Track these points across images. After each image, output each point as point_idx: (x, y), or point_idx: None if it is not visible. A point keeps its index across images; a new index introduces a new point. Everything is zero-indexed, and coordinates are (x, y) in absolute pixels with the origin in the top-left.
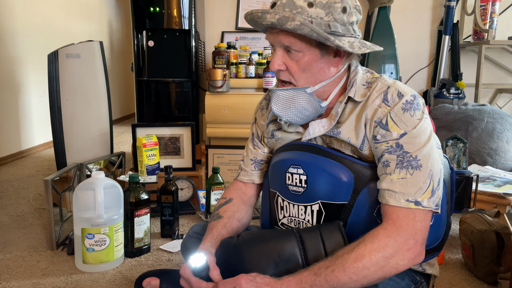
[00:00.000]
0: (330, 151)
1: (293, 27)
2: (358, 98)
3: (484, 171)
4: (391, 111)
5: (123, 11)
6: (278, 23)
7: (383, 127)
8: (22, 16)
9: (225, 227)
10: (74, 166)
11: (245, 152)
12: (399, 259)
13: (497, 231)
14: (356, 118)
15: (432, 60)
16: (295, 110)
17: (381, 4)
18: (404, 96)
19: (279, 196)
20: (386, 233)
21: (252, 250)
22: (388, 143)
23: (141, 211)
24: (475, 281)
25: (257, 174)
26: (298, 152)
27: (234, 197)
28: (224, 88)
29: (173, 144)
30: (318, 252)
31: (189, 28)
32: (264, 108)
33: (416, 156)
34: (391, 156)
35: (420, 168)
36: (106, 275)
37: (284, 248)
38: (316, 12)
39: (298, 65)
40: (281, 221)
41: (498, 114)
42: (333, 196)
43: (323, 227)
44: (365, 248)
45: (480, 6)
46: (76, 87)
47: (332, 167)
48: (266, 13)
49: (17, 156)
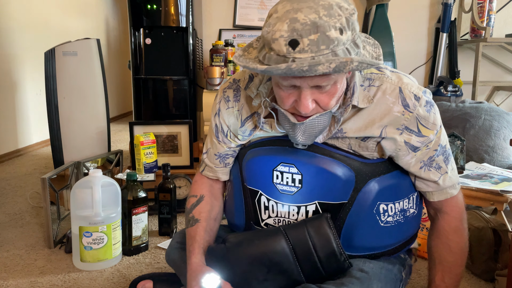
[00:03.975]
0: (327, 148)
1: (351, 68)
2: (362, 104)
3: (481, 168)
4: (418, 118)
5: (120, 8)
6: (334, 71)
7: (418, 135)
8: (19, 14)
9: (206, 231)
10: (71, 164)
11: (208, 144)
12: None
13: (494, 228)
14: (363, 121)
15: (430, 57)
16: (318, 132)
17: (379, 2)
18: (420, 98)
19: (263, 195)
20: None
21: (242, 257)
22: (428, 146)
23: (138, 209)
24: (472, 278)
25: (222, 171)
26: (287, 149)
27: (204, 192)
28: None
29: (171, 142)
30: (307, 249)
31: (187, 26)
32: (229, 100)
33: (446, 145)
34: (440, 158)
35: (450, 152)
36: (104, 273)
37: (274, 250)
38: (347, 36)
39: (330, 96)
40: (265, 221)
41: (495, 111)
42: (332, 196)
43: (309, 222)
44: (455, 242)
45: (478, 4)
46: (73, 85)
47: (331, 165)
48: (316, 65)
49: (14, 154)
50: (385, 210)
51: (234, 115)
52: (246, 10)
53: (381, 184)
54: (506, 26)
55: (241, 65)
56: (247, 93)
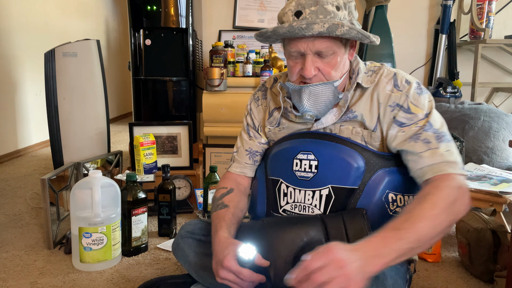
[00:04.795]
0: (341, 138)
1: (343, 32)
2: (365, 84)
3: (480, 169)
4: (408, 96)
5: (120, 9)
6: (328, 31)
7: (406, 111)
8: (19, 15)
9: (234, 216)
10: (71, 165)
11: (239, 143)
12: (461, 204)
13: (493, 229)
14: (368, 101)
15: (429, 59)
16: (323, 104)
17: (378, 3)
18: (411, 82)
19: (283, 182)
20: (447, 185)
21: (278, 233)
22: (418, 124)
23: (138, 210)
24: (472, 279)
25: (250, 167)
26: (307, 140)
27: (234, 187)
28: (221, 87)
29: (171, 143)
30: (340, 237)
31: (186, 27)
32: (259, 99)
33: (443, 131)
34: (429, 133)
35: (451, 141)
36: (103, 274)
37: (309, 233)
38: (343, 14)
39: (331, 66)
40: (283, 208)
41: (495, 113)
42: (344, 180)
43: (346, 214)
44: (435, 197)
45: (477, 5)
46: (73, 86)
47: (345, 153)
48: (312, 24)
49: (14, 155)
50: (394, 200)
51: (263, 110)
52: (245, 11)
53: (390, 174)
54: (505, 28)
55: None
56: (273, 91)
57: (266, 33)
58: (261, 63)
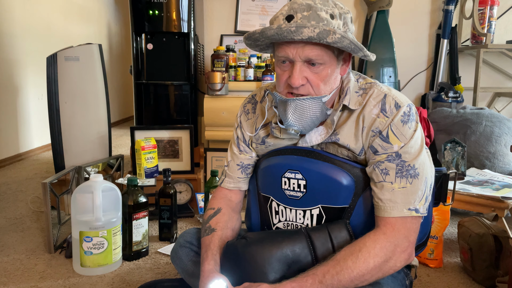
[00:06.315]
0: (328, 155)
1: (334, 40)
2: (353, 106)
3: (482, 174)
4: (391, 123)
5: (122, 14)
6: (318, 37)
7: (384, 139)
8: (21, 19)
9: (221, 239)
10: (72, 169)
11: (229, 157)
12: (397, 261)
13: (495, 234)
14: (353, 124)
15: (431, 63)
16: (309, 119)
17: (380, 8)
18: (401, 107)
19: (274, 201)
20: (386, 238)
21: (263, 252)
22: (387, 153)
23: (139, 214)
24: (474, 284)
25: (244, 181)
26: (294, 157)
27: (222, 206)
28: (223, 91)
29: (172, 147)
30: (327, 251)
31: (188, 31)
32: (249, 112)
33: (414, 165)
34: (391, 164)
35: (418, 177)
36: (104, 278)
37: (295, 248)
38: (337, 23)
39: (320, 78)
40: (276, 226)
41: (496, 117)
42: (334, 200)
43: (330, 226)
44: (368, 254)
45: (478, 10)
46: (74, 90)
47: (332, 171)
48: (302, 27)
49: (15, 158)
50: None
51: (251, 125)
52: (247, 15)
53: None
54: (507, 33)
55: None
56: (262, 105)
57: (254, 35)
58: (263, 68)
